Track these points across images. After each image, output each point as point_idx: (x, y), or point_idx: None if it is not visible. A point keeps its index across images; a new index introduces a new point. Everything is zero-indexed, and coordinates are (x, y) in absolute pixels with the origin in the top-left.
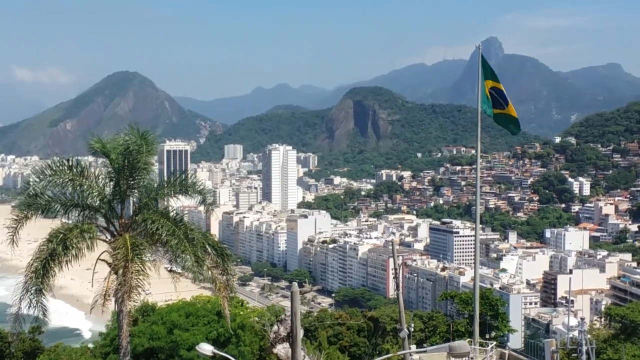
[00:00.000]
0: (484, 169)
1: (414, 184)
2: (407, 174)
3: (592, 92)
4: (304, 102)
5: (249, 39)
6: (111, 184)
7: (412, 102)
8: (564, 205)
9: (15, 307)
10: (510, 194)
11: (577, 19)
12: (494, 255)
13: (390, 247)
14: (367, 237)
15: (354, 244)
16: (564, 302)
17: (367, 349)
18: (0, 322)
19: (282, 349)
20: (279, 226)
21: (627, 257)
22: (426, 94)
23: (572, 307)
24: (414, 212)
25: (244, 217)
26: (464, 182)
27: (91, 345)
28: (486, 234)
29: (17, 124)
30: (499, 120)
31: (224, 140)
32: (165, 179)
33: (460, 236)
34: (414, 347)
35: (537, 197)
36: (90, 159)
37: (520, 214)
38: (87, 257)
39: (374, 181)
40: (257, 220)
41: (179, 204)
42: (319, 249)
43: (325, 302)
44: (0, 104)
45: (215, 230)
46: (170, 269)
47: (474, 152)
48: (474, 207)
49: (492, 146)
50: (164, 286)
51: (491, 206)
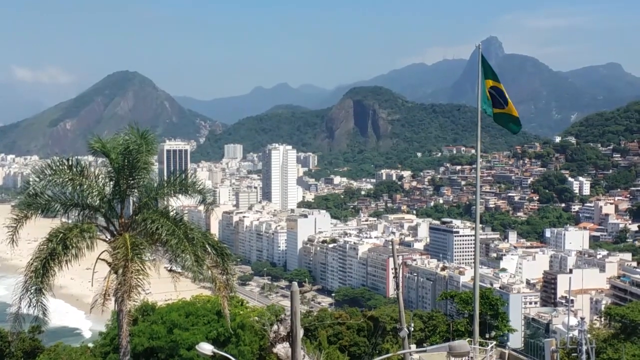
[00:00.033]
0: (484, 169)
1: (414, 183)
2: (407, 173)
3: (592, 91)
4: (303, 102)
5: (249, 39)
6: (111, 183)
7: (412, 101)
8: (564, 204)
9: (15, 306)
10: (510, 194)
11: (577, 19)
12: (494, 254)
13: (390, 247)
14: (367, 237)
15: (354, 243)
16: (564, 301)
17: (367, 348)
18: (0, 322)
19: (282, 349)
20: (279, 226)
21: (627, 256)
22: (426, 93)
23: (572, 306)
24: (414, 212)
25: (244, 216)
26: (464, 182)
27: (91, 344)
28: (486, 234)
29: (17, 123)
30: (498, 119)
31: (223, 139)
32: (165, 178)
33: (460, 236)
34: (413, 347)
35: (537, 197)
36: (90, 158)
37: (520, 214)
38: (87, 256)
39: (373, 181)
40: (257, 219)
41: (178, 203)
42: (318, 248)
43: (325, 301)
44: (0, 104)
45: (215, 229)
46: (170, 268)
47: (474, 151)
48: (474, 207)
49: (492, 146)
50: (163, 286)
51: (491, 206)
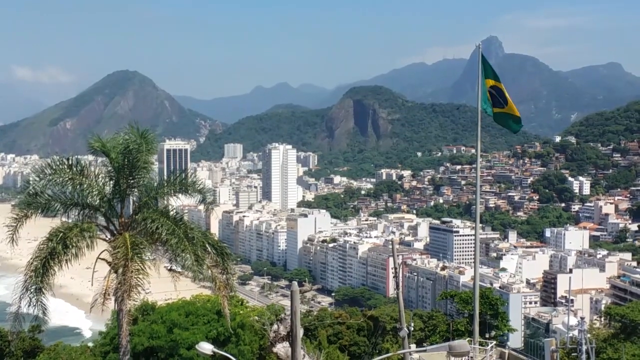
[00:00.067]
0: (484, 168)
1: (414, 183)
2: (407, 173)
3: (592, 91)
4: (304, 102)
5: (249, 39)
6: (111, 182)
7: (412, 101)
8: (564, 204)
9: (15, 305)
10: (510, 193)
11: (577, 19)
12: (494, 254)
13: (390, 247)
14: (367, 237)
15: (354, 243)
16: (563, 301)
17: (367, 348)
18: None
19: (282, 348)
20: (279, 225)
21: (627, 256)
22: (426, 93)
23: (572, 306)
24: (414, 212)
25: (244, 216)
26: (464, 182)
27: (91, 344)
28: (486, 233)
29: (17, 122)
30: (498, 119)
31: (223, 139)
32: (165, 178)
33: (460, 235)
34: (413, 347)
35: (537, 197)
36: (90, 158)
37: (520, 213)
38: (87, 256)
39: (373, 180)
40: (257, 219)
41: (178, 203)
42: (318, 248)
43: (325, 301)
44: (0, 103)
45: (215, 229)
46: (170, 268)
47: (474, 151)
48: (474, 207)
49: (492, 145)
50: (163, 285)
51: (491, 205)
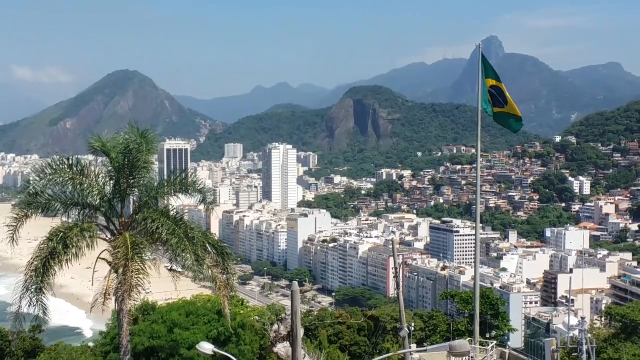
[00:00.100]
0: (484, 168)
1: (414, 183)
2: (407, 173)
3: (592, 91)
4: (304, 101)
5: (249, 39)
6: (111, 182)
7: (413, 101)
8: (564, 204)
9: (15, 305)
10: (510, 193)
11: (577, 19)
12: (495, 254)
13: (390, 247)
14: (367, 237)
15: (354, 243)
16: (564, 301)
17: (368, 348)
18: (0, 321)
19: (282, 348)
20: (279, 225)
21: (628, 256)
22: (426, 93)
23: (573, 306)
24: (414, 212)
25: (244, 216)
26: (464, 182)
27: (92, 344)
28: (486, 233)
29: (17, 122)
30: (498, 119)
31: (224, 139)
32: (165, 178)
33: (460, 235)
34: (414, 347)
35: (538, 197)
36: (90, 157)
37: (520, 213)
38: (88, 256)
39: (374, 180)
40: (258, 219)
41: (179, 202)
42: (319, 248)
43: (325, 301)
44: (0, 103)
45: (215, 229)
46: (170, 268)
47: (474, 151)
48: (475, 207)
49: (492, 145)
50: (164, 285)
51: (491, 205)
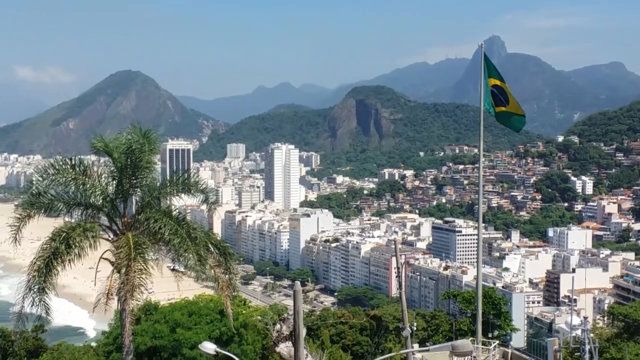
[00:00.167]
0: (486, 168)
1: (417, 182)
2: (409, 172)
3: (594, 91)
4: (306, 101)
5: (249, 39)
6: (114, 182)
7: (415, 101)
8: (566, 204)
9: (18, 305)
10: (512, 193)
11: (577, 19)
12: (497, 254)
13: (392, 246)
14: (369, 236)
15: (357, 242)
16: (566, 301)
17: (370, 347)
18: (3, 321)
19: (284, 348)
20: (282, 225)
21: (630, 256)
22: (428, 92)
23: (575, 306)
24: (417, 211)
25: (247, 216)
26: (466, 181)
27: (94, 344)
28: (489, 233)
29: (20, 123)
30: (500, 118)
31: (226, 139)
32: (167, 178)
33: (462, 235)
34: (416, 346)
35: (540, 196)
36: (92, 157)
37: (523, 213)
38: (90, 255)
39: (376, 180)
40: (260, 219)
41: (181, 202)
42: (321, 247)
43: (327, 301)
44: (2, 104)
45: (217, 229)
46: (172, 267)
47: (476, 150)
48: (477, 206)
49: (494, 145)
50: (166, 285)
51: (494, 205)
